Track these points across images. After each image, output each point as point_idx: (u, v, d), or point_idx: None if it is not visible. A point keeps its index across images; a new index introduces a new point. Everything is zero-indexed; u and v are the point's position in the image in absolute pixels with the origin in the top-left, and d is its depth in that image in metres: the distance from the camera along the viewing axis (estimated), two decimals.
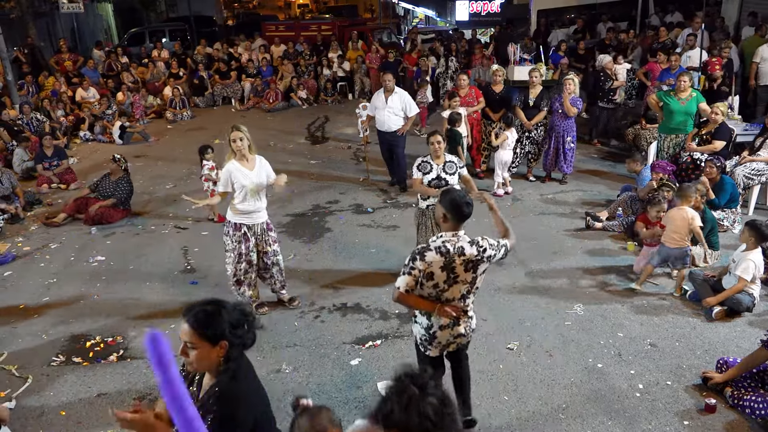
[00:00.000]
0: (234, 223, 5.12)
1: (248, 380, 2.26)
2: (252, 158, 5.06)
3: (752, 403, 3.93)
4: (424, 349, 3.63)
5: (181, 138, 12.34)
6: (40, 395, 4.45)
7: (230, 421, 2.15)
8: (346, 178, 9.30)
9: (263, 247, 5.26)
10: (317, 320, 5.33)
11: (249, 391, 2.24)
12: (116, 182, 7.87)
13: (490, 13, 22.84)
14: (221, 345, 2.20)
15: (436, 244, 3.34)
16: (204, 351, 2.18)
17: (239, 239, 5.12)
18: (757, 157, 7.21)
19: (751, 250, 5.09)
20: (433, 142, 5.34)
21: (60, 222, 7.77)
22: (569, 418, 4.02)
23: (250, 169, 5.01)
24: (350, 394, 4.33)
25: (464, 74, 9.13)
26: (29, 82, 13.82)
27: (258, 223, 5.17)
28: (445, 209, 3.35)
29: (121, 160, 7.95)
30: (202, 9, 25.85)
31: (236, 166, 4.98)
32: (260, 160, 5.12)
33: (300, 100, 14.83)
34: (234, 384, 2.19)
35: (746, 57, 9.93)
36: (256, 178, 5.02)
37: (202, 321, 2.18)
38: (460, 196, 3.38)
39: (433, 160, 5.37)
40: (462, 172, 5.36)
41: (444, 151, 5.40)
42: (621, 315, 5.23)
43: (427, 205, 5.45)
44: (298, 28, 19.44)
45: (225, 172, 4.99)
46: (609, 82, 10.07)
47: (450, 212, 3.33)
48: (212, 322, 2.18)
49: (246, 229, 5.13)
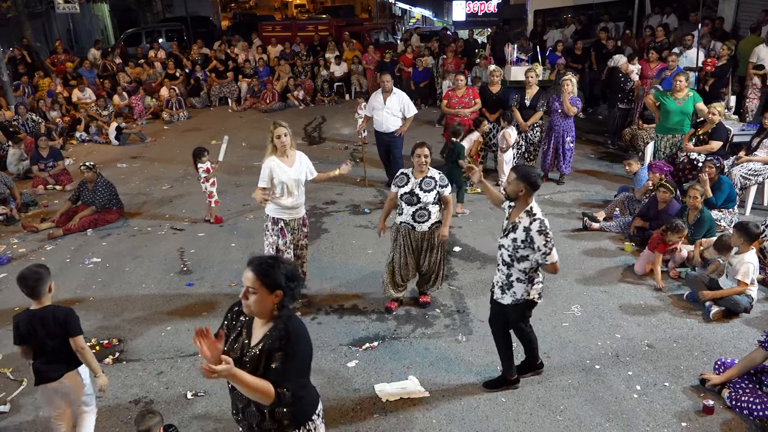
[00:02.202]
0: (273, 218, 5.14)
1: (300, 321, 2.60)
2: (292, 154, 5.05)
3: (750, 404, 3.93)
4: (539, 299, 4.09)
5: (177, 139, 12.31)
6: (35, 398, 4.41)
7: (296, 355, 2.50)
8: (343, 178, 9.25)
9: (304, 241, 5.35)
10: (314, 322, 5.31)
11: (304, 331, 2.57)
12: (94, 189, 7.69)
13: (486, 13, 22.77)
14: (277, 293, 2.50)
15: (541, 214, 3.80)
16: (262, 296, 2.48)
17: (277, 233, 5.15)
18: (754, 157, 7.22)
19: (744, 252, 5.09)
20: (420, 155, 4.90)
21: (41, 229, 7.61)
22: (567, 419, 4.01)
23: (290, 165, 5.02)
24: (347, 396, 4.31)
25: (461, 74, 9.11)
26: (25, 83, 13.78)
27: (296, 218, 5.20)
28: (523, 183, 3.75)
29: (95, 166, 7.75)
30: (198, 9, 25.83)
31: (276, 162, 4.97)
32: (300, 155, 5.12)
33: (297, 101, 14.81)
34: (292, 324, 2.53)
35: (743, 57, 9.93)
36: (295, 174, 5.02)
37: (264, 270, 2.49)
38: (530, 170, 3.83)
39: (413, 174, 4.99)
40: (443, 192, 4.96)
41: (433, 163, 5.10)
42: (618, 316, 5.23)
43: (401, 221, 5.10)
44: (294, 28, 19.44)
45: (265, 168, 4.98)
46: (630, 83, 10.02)
47: (527, 184, 3.75)
48: (271, 272, 2.49)
49: (283, 224, 5.14)
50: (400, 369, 4.60)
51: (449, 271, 6.14)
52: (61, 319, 3.51)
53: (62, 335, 3.49)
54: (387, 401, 4.24)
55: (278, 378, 2.46)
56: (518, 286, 4.00)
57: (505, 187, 3.88)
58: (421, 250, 5.15)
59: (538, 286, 4.03)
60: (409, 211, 4.98)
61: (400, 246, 5.14)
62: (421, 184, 4.93)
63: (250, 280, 2.48)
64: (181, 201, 8.64)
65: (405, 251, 5.14)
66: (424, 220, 4.99)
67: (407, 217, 5.01)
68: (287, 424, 2.60)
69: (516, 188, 3.81)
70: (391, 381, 4.45)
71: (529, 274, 3.95)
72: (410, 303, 5.55)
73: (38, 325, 3.47)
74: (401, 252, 5.15)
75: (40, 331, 3.47)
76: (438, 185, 4.95)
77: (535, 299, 4.07)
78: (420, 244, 5.11)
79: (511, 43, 11.98)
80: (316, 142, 11.61)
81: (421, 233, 5.06)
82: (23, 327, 3.48)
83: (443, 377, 4.49)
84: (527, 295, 4.01)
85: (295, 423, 2.63)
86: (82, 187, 7.79)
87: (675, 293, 5.60)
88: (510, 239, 3.90)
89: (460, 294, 5.71)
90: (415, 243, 5.11)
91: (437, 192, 4.97)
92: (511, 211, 3.97)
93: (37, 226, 7.68)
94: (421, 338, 5.00)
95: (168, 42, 19.71)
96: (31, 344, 3.50)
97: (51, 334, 3.48)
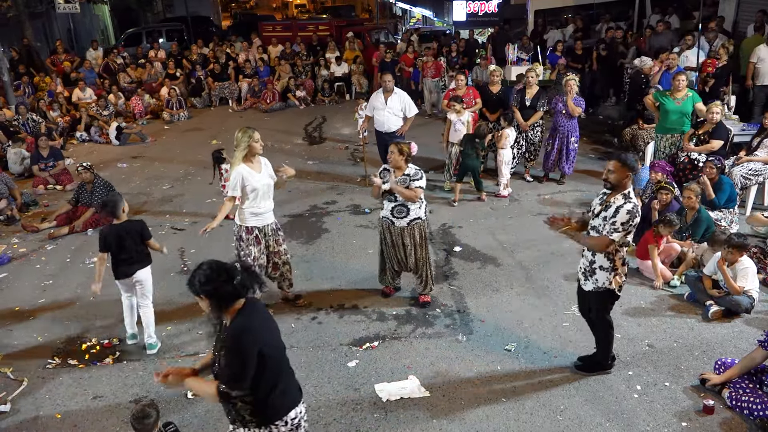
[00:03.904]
0: (246, 227, 5.10)
1: (252, 319, 2.74)
2: (257, 159, 5.06)
3: (750, 404, 3.93)
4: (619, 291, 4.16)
5: (178, 138, 12.31)
6: (35, 398, 4.42)
7: (232, 352, 2.68)
8: (343, 178, 9.27)
9: (274, 247, 5.28)
10: (314, 321, 5.31)
11: (252, 327, 2.71)
12: (92, 190, 7.68)
13: (487, 13, 22.76)
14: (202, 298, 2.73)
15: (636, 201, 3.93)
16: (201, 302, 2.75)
17: (252, 242, 5.12)
18: (755, 157, 7.21)
19: (737, 261, 5.11)
20: (391, 151, 5.14)
21: (41, 229, 7.62)
22: (567, 419, 4.01)
23: (258, 171, 5.01)
24: (347, 396, 4.31)
25: (461, 74, 9.11)
26: (25, 83, 13.78)
27: (268, 223, 5.18)
28: (627, 170, 3.88)
29: (91, 167, 7.72)
30: (198, 9, 25.84)
31: (246, 169, 4.95)
32: (264, 160, 5.13)
33: (297, 101, 14.81)
34: (236, 322, 2.72)
35: (744, 57, 9.91)
36: (266, 179, 5.03)
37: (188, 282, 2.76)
38: (630, 157, 3.94)
39: (394, 172, 5.19)
40: (413, 185, 5.07)
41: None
42: (619, 316, 5.22)
43: (382, 216, 5.31)
44: (295, 28, 19.44)
45: (236, 176, 4.92)
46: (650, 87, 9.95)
47: (631, 170, 3.91)
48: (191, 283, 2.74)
49: (257, 231, 5.12)
50: (401, 369, 4.60)
51: (450, 271, 6.15)
52: (138, 228, 4.83)
53: (141, 239, 4.81)
54: (387, 401, 4.24)
55: (220, 373, 2.71)
56: (600, 274, 4.07)
57: (607, 177, 3.99)
58: (402, 245, 5.30)
59: (619, 278, 4.08)
60: (389, 206, 5.23)
61: (385, 239, 5.38)
62: (398, 182, 5.14)
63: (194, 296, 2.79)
64: (182, 200, 8.64)
65: (389, 244, 5.36)
66: (403, 215, 5.20)
67: (387, 212, 5.26)
68: (248, 420, 2.82)
69: (621, 175, 3.91)
70: (391, 381, 4.45)
71: (612, 261, 4.01)
72: (411, 303, 5.55)
73: (124, 233, 4.74)
74: (386, 244, 5.39)
75: (125, 238, 4.73)
76: (411, 180, 5.11)
77: (616, 290, 4.12)
78: (401, 239, 5.29)
79: (511, 43, 11.98)
80: (317, 142, 11.61)
81: (400, 228, 5.25)
82: (111, 237, 4.73)
83: (443, 377, 4.49)
84: (609, 284, 4.07)
85: (256, 420, 2.81)
86: (80, 188, 7.79)
87: (675, 293, 5.59)
88: (601, 218, 4.00)
89: (461, 294, 5.71)
90: (396, 238, 5.30)
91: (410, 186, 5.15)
92: (606, 196, 4.07)
93: (38, 226, 7.68)
94: (422, 338, 5.00)
95: (168, 42, 19.71)
96: (113, 250, 4.74)
97: (134, 240, 4.76)
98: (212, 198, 8.65)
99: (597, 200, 4.18)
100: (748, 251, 5.33)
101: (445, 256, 6.51)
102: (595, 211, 4.12)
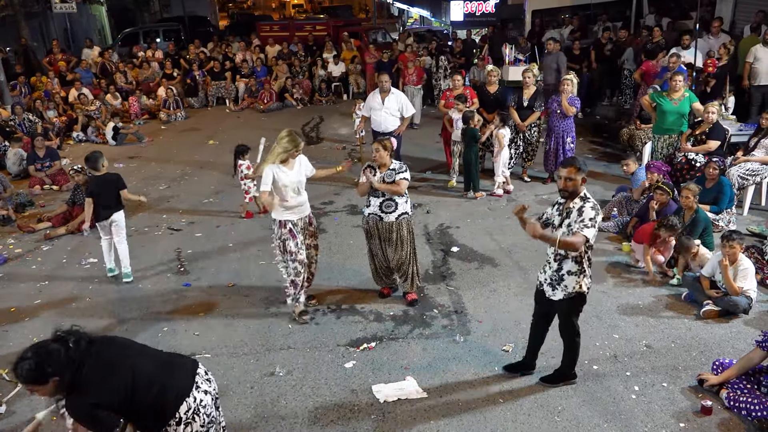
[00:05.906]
0: (279, 221, 5.12)
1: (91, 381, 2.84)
2: (293, 161, 5.10)
3: (748, 405, 3.92)
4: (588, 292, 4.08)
5: (174, 139, 12.28)
6: (30, 399, 4.39)
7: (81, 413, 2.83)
8: (340, 178, 9.24)
9: (311, 240, 5.36)
10: (311, 322, 5.29)
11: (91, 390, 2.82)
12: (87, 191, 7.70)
13: (484, 13, 22.80)
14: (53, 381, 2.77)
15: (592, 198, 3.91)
16: (42, 391, 2.81)
17: (285, 236, 5.13)
18: (752, 157, 7.22)
19: (736, 260, 5.11)
20: (375, 148, 5.20)
21: (37, 229, 7.58)
22: (564, 420, 4.00)
23: (290, 168, 5.06)
24: (344, 397, 4.30)
25: (458, 74, 9.09)
26: (21, 83, 13.74)
27: (302, 216, 5.21)
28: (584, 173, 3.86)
29: (83, 169, 7.61)
30: (196, 9, 25.79)
31: (277, 167, 5.00)
32: (300, 159, 5.17)
33: (294, 101, 14.79)
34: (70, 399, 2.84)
35: (741, 57, 9.92)
36: (296, 176, 5.07)
37: (24, 377, 2.76)
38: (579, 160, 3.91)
39: (379, 168, 5.22)
40: (396, 178, 5.13)
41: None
42: (616, 317, 5.22)
43: (369, 213, 5.30)
44: (292, 28, 19.40)
45: (267, 171, 4.99)
46: None
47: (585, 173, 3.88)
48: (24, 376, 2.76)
49: (291, 225, 5.13)
50: (398, 370, 4.59)
51: (447, 272, 6.14)
52: (114, 179, 6.00)
53: (116, 188, 5.96)
54: (385, 402, 4.22)
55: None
56: (569, 279, 3.99)
57: (566, 186, 3.87)
58: (390, 240, 5.30)
59: (587, 280, 4.02)
60: (376, 202, 5.23)
61: (372, 237, 5.37)
62: (384, 177, 5.17)
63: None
64: (179, 201, 8.62)
65: (377, 242, 5.35)
66: (391, 210, 5.22)
67: (375, 208, 5.24)
68: None
69: (579, 181, 3.85)
70: (388, 382, 4.44)
71: (581, 264, 3.94)
72: (403, 303, 5.54)
73: (103, 182, 5.96)
74: (374, 243, 5.38)
75: (106, 186, 5.93)
76: (396, 173, 5.16)
77: (586, 292, 4.06)
78: (389, 234, 5.29)
79: (509, 43, 11.97)
80: (314, 142, 11.58)
81: (388, 224, 5.26)
82: (93, 186, 5.99)
83: (441, 378, 4.48)
84: (579, 288, 4.01)
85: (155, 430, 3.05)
86: (76, 190, 7.76)
87: (673, 293, 5.59)
88: (565, 226, 3.90)
89: (458, 294, 5.70)
90: (385, 234, 5.30)
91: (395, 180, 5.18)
92: (562, 205, 3.98)
93: (34, 226, 7.65)
94: (419, 339, 4.99)
95: (165, 42, 19.69)
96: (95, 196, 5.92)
97: (111, 189, 5.94)
98: (209, 198, 8.64)
99: (553, 211, 4.08)
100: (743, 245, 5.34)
101: (442, 257, 6.50)
102: (555, 223, 4.01)
